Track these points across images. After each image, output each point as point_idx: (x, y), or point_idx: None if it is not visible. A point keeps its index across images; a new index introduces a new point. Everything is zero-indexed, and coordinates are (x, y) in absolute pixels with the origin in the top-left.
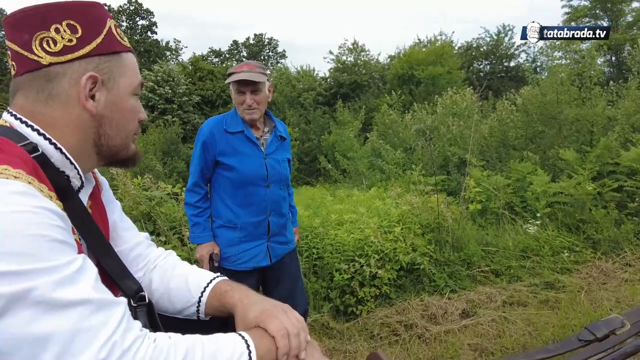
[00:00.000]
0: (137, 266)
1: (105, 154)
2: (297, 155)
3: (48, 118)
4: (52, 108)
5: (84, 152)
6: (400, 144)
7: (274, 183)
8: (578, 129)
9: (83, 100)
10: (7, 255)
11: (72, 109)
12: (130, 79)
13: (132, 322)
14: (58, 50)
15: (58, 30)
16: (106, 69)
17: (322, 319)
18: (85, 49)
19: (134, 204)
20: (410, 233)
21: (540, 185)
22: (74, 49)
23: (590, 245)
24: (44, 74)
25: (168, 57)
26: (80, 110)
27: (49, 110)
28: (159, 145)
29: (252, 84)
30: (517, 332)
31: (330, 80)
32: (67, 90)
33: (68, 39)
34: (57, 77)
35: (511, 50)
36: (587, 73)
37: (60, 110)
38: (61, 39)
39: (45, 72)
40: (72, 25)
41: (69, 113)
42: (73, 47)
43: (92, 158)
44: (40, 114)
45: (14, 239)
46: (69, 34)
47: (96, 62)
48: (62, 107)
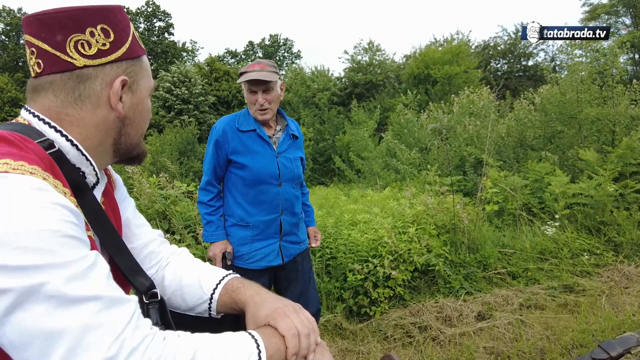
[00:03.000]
0: (149, 263)
1: (121, 152)
2: (311, 155)
3: (73, 118)
4: (80, 109)
5: (102, 150)
6: (415, 143)
7: (286, 182)
8: (599, 129)
9: (115, 103)
10: (21, 250)
11: (100, 111)
12: (149, 81)
13: (142, 319)
14: (93, 54)
15: (93, 34)
16: (132, 73)
17: (335, 320)
18: (117, 54)
19: (150, 203)
20: (425, 234)
21: (559, 186)
22: (107, 53)
23: (611, 248)
24: (77, 76)
25: (184, 58)
26: (107, 111)
27: (76, 111)
28: (176, 145)
29: (263, 83)
30: (534, 336)
31: (345, 80)
32: (99, 93)
33: (102, 42)
34: (89, 80)
35: (529, 49)
36: (609, 71)
37: (89, 111)
38: (96, 42)
39: (78, 73)
40: (105, 30)
41: (96, 114)
42: (106, 51)
43: (108, 155)
44: (66, 114)
45: (28, 234)
46: (103, 38)
47: (125, 66)
48: (91, 108)
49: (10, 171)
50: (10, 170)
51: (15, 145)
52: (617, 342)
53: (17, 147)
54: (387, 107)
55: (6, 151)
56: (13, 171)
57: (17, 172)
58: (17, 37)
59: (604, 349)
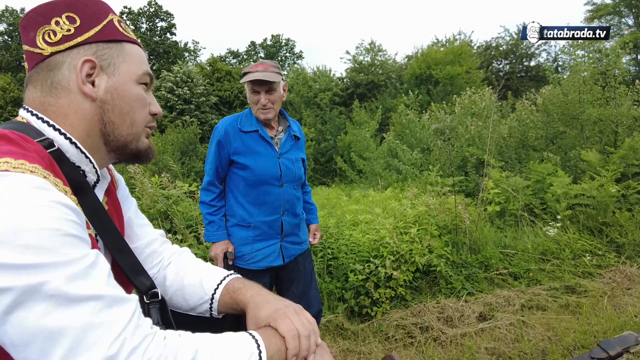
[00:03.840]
0: (151, 263)
1: (113, 145)
2: (313, 155)
3: (55, 107)
4: (56, 96)
5: (94, 144)
6: (417, 144)
7: (287, 182)
8: (601, 130)
9: (80, 84)
10: (22, 248)
11: (74, 96)
12: (133, 67)
13: (142, 319)
14: (57, 40)
15: (58, 22)
16: (106, 56)
17: (336, 320)
18: (83, 37)
19: (151, 202)
20: (427, 234)
21: (560, 187)
22: (72, 37)
23: (613, 249)
24: (47, 64)
25: (187, 58)
26: (82, 97)
27: (54, 99)
28: (177, 145)
29: (266, 83)
30: (536, 336)
31: (346, 80)
32: (67, 77)
33: (67, 29)
34: (57, 66)
35: (531, 50)
36: (612, 72)
37: (65, 98)
38: (60, 29)
39: (47, 62)
40: (71, 17)
41: (71, 100)
42: (71, 36)
43: (103, 150)
44: (48, 104)
45: (29, 233)
46: (67, 25)
47: (94, 49)
48: (65, 94)
49: (11, 170)
50: (11, 168)
51: (15, 143)
52: (616, 342)
53: (18, 145)
54: (389, 108)
55: (7, 150)
56: (14, 170)
57: (17, 171)
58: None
59: (603, 348)
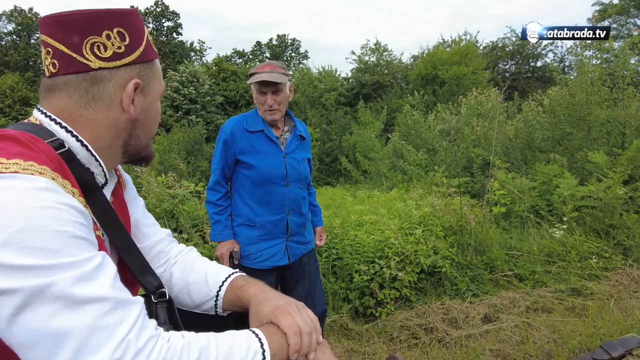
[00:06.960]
0: (158, 262)
1: (130, 153)
2: (318, 155)
3: (85, 119)
4: (92, 110)
5: (112, 151)
6: (422, 145)
7: (293, 182)
8: (609, 131)
9: (127, 105)
10: (29, 250)
11: (112, 112)
12: (160, 84)
13: (147, 321)
14: (108, 56)
15: (109, 36)
16: (145, 76)
17: (341, 320)
18: (132, 57)
19: (157, 202)
20: (432, 235)
21: (567, 189)
22: (122, 56)
23: (620, 252)
24: (91, 77)
25: (192, 58)
26: (119, 113)
27: (88, 112)
28: (183, 145)
29: (273, 84)
30: (541, 339)
31: (352, 80)
32: (112, 95)
33: (118, 45)
34: (103, 81)
35: (538, 50)
36: (620, 72)
37: (101, 113)
38: (111, 45)
39: (92, 75)
40: (121, 33)
41: (108, 116)
42: (121, 54)
43: (118, 156)
44: (79, 115)
45: (36, 234)
46: (118, 41)
47: (138, 69)
48: (104, 110)
49: (20, 171)
50: (20, 170)
51: (25, 145)
52: (618, 343)
53: (27, 147)
54: (394, 108)
55: (17, 151)
56: (23, 171)
57: (27, 172)
58: (28, 37)
59: (606, 350)
